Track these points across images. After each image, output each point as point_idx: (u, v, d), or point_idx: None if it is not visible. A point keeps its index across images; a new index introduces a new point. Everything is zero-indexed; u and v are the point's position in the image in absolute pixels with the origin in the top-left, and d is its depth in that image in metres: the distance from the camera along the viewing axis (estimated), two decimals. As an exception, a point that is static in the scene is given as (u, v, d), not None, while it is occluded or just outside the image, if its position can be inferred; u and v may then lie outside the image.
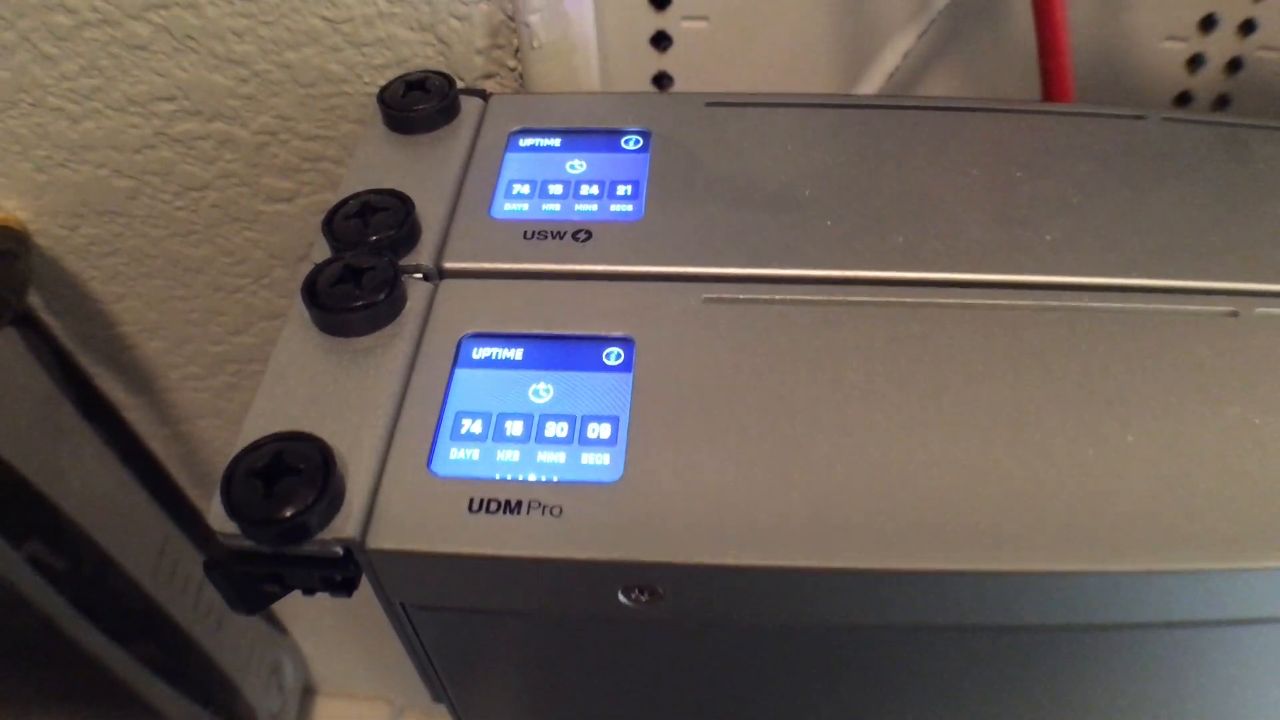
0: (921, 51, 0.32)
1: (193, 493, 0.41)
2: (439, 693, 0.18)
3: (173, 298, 0.32)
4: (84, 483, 0.36)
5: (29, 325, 0.31)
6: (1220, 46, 0.34)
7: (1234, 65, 0.35)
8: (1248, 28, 0.33)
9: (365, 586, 0.16)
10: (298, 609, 0.50)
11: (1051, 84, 0.25)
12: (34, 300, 0.32)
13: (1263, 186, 0.20)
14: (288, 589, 0.15)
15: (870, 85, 0.28)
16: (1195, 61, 0.35)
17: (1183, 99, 0.34)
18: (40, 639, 0.39)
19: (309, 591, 0.15)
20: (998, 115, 0.22)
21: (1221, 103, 0.34)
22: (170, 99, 0.26)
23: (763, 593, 0.14)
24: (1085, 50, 0.34)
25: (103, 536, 0.37)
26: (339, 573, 0.14)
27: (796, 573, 0.14)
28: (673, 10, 0.30)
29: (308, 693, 0.56)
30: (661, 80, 0.32)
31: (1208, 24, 0.34)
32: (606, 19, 0.30)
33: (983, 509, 0.14)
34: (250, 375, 0.35)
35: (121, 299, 0.32)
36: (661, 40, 0.31)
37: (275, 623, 0.49)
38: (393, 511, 0.14)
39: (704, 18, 0.31)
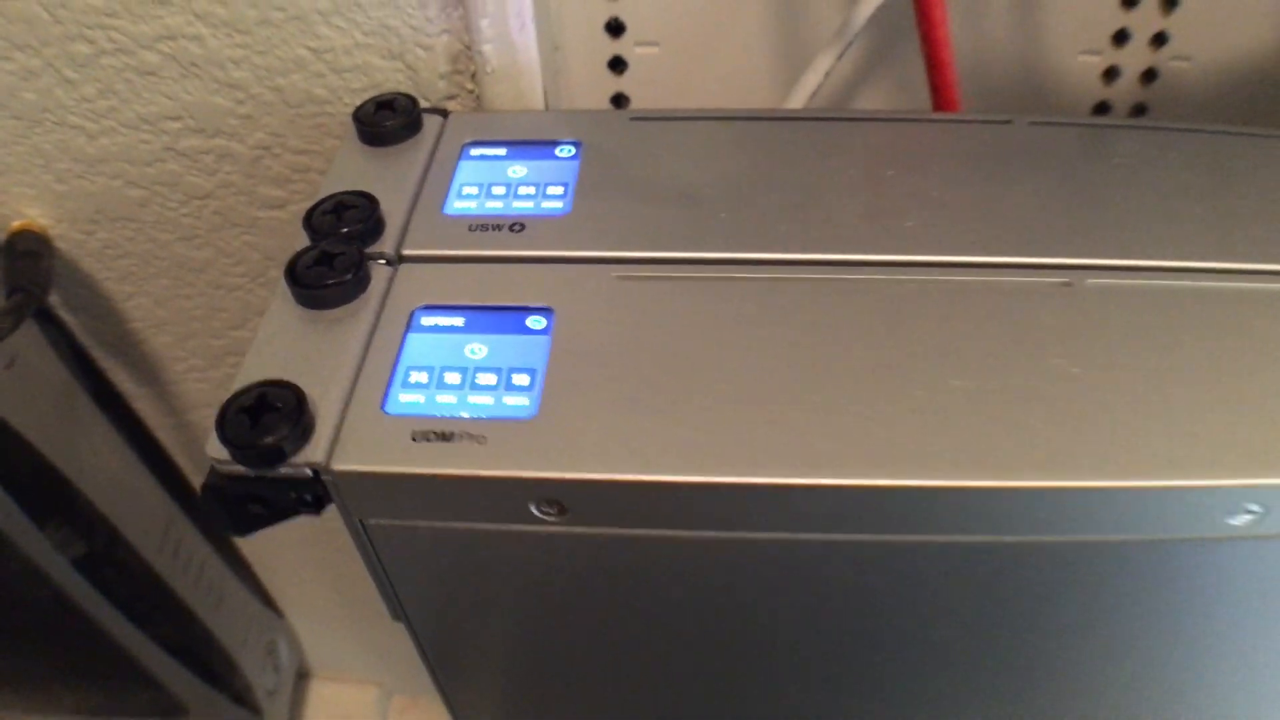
0: (844, 70, 0.35)
1: (195, 479, 0.44)
2: (397, 611, 0.22)
3: (178, 295, 0.36)
4: (97, 466, 0.40)
5: (48, 321, 0.35)
6: (1134, 59, 0.38)
7: (1149, 76, 0.38)
8: (1159, 40, 0.37)
9: (353, 573, 0.19)
10: (293, 593, 0.53)
11: (939, 96, 0.29)
12: (53, 299, 0.35)
13: (1114, 179, 0.24)
14: (270, 511, 0.19)
15: (796, 101, 0.32)
16: (1111, 73, 0.38)
17: (1101, 108, 0.38)
18: (56, 613, 0.42)
19: (286, 513, 0.19)
20: (884, 124, 0.26)
21: (1138, 111, 0.38)
22: (177, 118, 0.29)
23: (650, 504, 0.18)
24: (1008, 65, 0.37)
25: (113, 516, 0.41)
26: (309, 492, 0.18)
27: (675, 486, 0.17)
28: (627, 37, 0.34)
29: (301, 676, 0.59)
30: (620, 100, 0.35)
31: (1120, 38, 0.38)
32: (568, 46, 0.34)
33: (829, 437, 0.18)
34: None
35: (131, 297, 0.36)
36: (618, 64, 0.35)
37: (271, 605, 0.52)
38: (352, 441, 0.18)
39: (655, 44, 0.35)
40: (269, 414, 0.18)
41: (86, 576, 0.41)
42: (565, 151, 0.24)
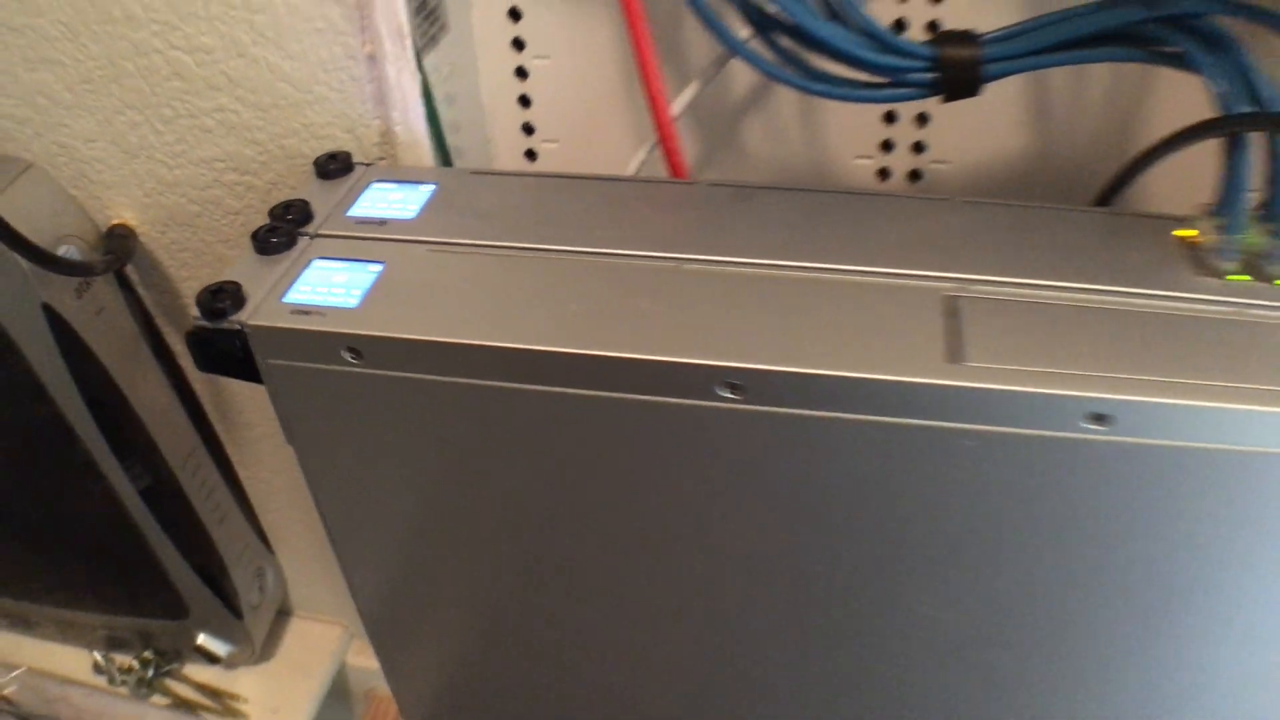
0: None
1: (216, 420, 0.61)
2: (290, 436, 0.38)
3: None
4: (151, 400, 0.57)
5: (127, 288, 0.53)
6: (900, 162, 0.48)
7: (915, 175, 0.49)
8: (919, 148, 0.48)
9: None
10: (285, 535, 0.69)
11: (670, 164, 0.44)
12: (133, 275, 0.53)
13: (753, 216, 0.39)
14: (218, 352, 0.35)
15: (631, 169, 0.48)
16: (884, 173, 0.50)
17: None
18: (112, 521, 0.58)
19: (228, 357, 0.35)
20: (637, 184, 0.42)
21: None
22: (222, 161, 0.48)
23: (412, 355, 0.34)
24: (800, 165, 0.52)
25: (159, 440, 0.57)
26: (236, 339, 0.34)
27: (415, 344, 0.33)
28: (535, 136, 0.51)
29: (283, 613, 0.74)
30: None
31: (887, 146, 0.48)
32: (498, 141, 0.52)
33: (582, 328, 0.33)
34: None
35: (185, 280, 0.54)
36: (532, 155, 0.52)
37: (266, 542, 0.69)
38: (261, 312, 0.34)
39: (556, 140, 0.52)
40: (221, 295, 0.34)
41: (131, 479, 0.57)
42: (426, 189, 0.40)
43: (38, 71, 0.45)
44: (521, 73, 0.49)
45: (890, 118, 0.48)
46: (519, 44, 0.49)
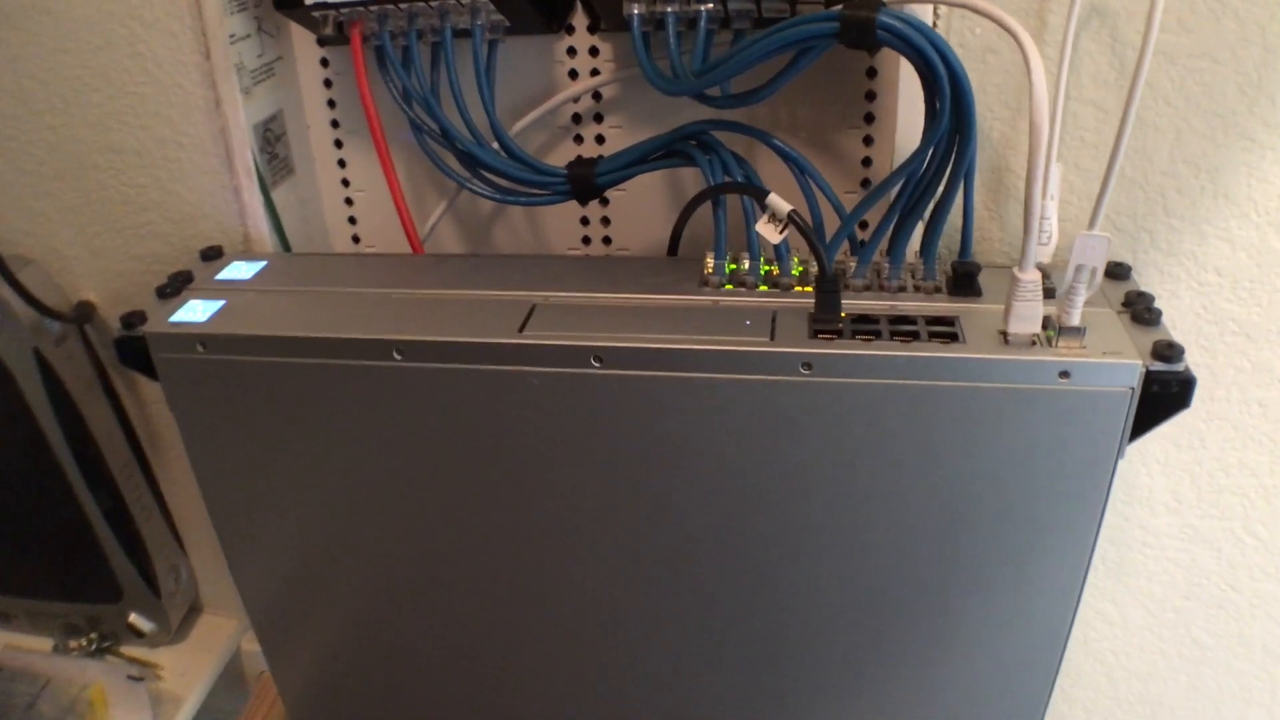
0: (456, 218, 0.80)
1: (145, 443, 0.87)
2: (179, 422, 0.64)
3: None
4: (101, 424, 0.82)
5: (86, 342, 0.80)
6: (597, 251, 0.80)
7: None
8: (608, 240, 0.80)
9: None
10: (195, 540, 0.93)
11: (409, 238, 0.72)
12: (90, 333, 0.80)
13: (443, 270, 0.67)
14: (133, 351, 0.62)
15: (423, 232, 0.76)
16: None
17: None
18: (68, 508, 0.83)
19: (139, 355, 0.62)
20: (388, 257, 0.69)
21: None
22: (150, 256, 0.75)
23: (252, 347, 0.60)
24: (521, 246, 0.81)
25: (105, 452, 0.83)
26: (142, 342, 0.61)
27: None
28: (361, 244, 0.80)
29: (193, 610, 0.98)
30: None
31: (586, 240, 0.81)
32: (338, 245, 0.80)
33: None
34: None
35: (127, 340, 0.81)
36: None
37: (180, 543, 0.93)
38: (155, 325, 0.61)
39: (374, 246, 0.80)
40: (134, 316, 0.61)
41: (84, 476, 0.82)
42: (262, 263, 0.68)
43: (39, 201, 0.74)
44: (349, 201, 0.78)
45: (585, 221, 0.76)
46: (346, 182, 0.77)
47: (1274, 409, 0.66)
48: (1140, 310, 0.54)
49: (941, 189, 0.54)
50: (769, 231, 0.53)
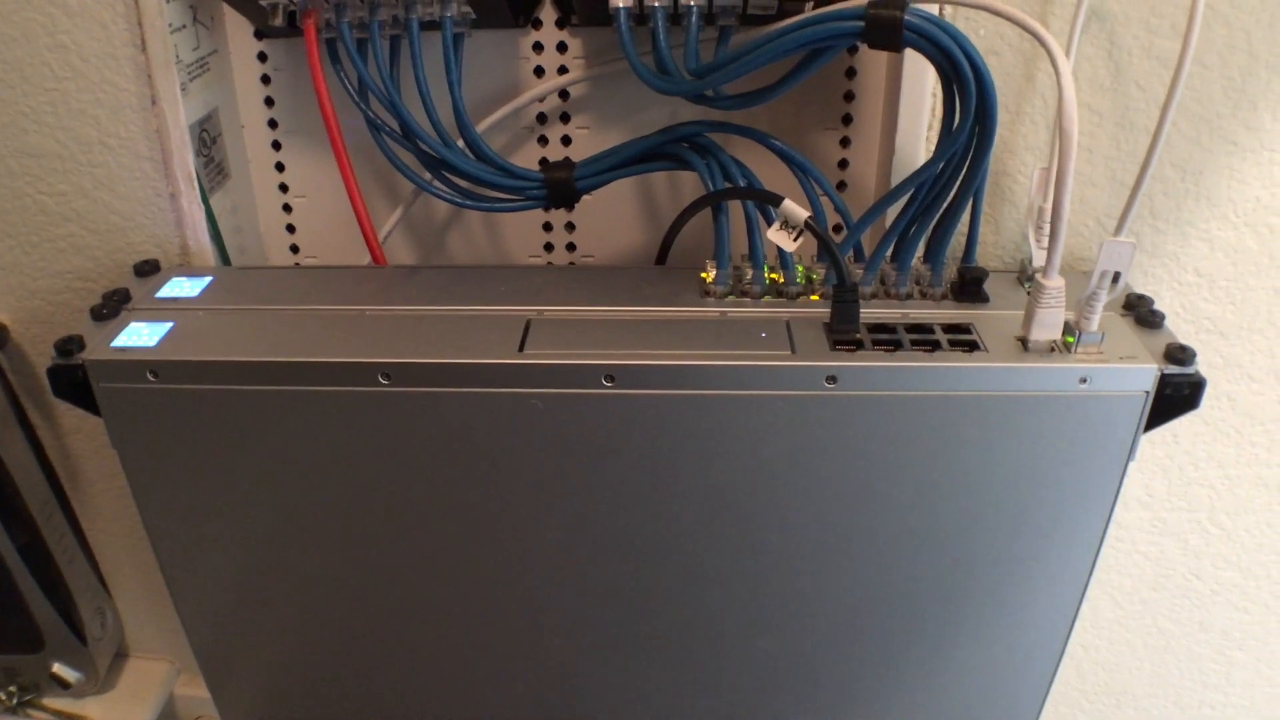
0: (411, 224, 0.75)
1: (65, 480, 0.79)
2: (121, 455, 0.57)
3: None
4: (16, 459, 0.74)
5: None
6: (559, 259, 0.75)
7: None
8: (571, 247, 0.76)
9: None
10: (122, 581, 0.85)
11: (370, 249, 0.67)
12: (3, 361, 0.72)
13: (415, 283, 0.62)
14: (70, 381, 0.55)
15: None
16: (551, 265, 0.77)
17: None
18: None
19: (76, 387, 0.55)
20: (346, 270, 0.64)
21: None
22: (72, 272, 0.68)
23: (206, 374, 0.54)
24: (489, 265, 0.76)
25: (22, 490, 0.75)
26: (79, 371, 0.55)
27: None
28: (300, 254, 0.74)
29: (120, 655, 0.90)
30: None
31: (549, 247, 0.76)
32: (273, 260, 0.74)
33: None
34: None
35: (42, 364, 0.73)
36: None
37: (104, 585, 0.85)
38: (95, 353, 0.55)
39: (315, 256, 0.74)
40: (70, 342, 0.55)
41: (4, 527, 0.74)
42: (206, 279, 0.62)
43: (-61, 214, 0.66)
44: (287, 208, 0.72)
45: (548, 227, 0.73)
46: (284, 187, 0.72)
47: (1242, 402, 0.68)
48: (1144, 313, 0.54)
49: (953, 195, 0.52)
50: (782, 239, 0.51)
